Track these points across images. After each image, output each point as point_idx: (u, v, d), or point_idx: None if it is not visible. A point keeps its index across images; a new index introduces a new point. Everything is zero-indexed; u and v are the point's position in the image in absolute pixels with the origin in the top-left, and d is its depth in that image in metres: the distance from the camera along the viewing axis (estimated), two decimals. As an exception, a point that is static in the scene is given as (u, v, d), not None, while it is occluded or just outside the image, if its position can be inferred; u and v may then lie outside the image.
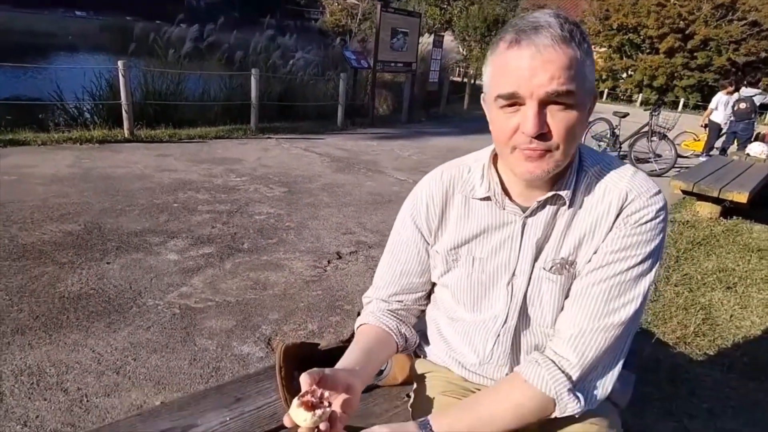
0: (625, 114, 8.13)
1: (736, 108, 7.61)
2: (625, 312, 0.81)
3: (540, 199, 0.84)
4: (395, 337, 0.96)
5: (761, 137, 7.48)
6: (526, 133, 0.74)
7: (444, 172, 0.94)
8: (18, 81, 9.10)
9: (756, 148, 5.99)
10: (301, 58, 9.34)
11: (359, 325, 0.99)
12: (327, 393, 0.72)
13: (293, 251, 3.37)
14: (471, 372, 0.98)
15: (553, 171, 0.79)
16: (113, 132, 6.22)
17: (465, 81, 15.40)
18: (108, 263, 2.92)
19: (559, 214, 0.85)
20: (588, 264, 0.83)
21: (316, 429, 0.70)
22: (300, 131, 7.93)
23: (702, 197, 4.73)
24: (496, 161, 0.89)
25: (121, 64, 5.98)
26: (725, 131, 8.32)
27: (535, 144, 0.75)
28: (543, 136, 0.75)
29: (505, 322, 0.90)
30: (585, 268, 0.84)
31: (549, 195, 0.83)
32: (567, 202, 0.83)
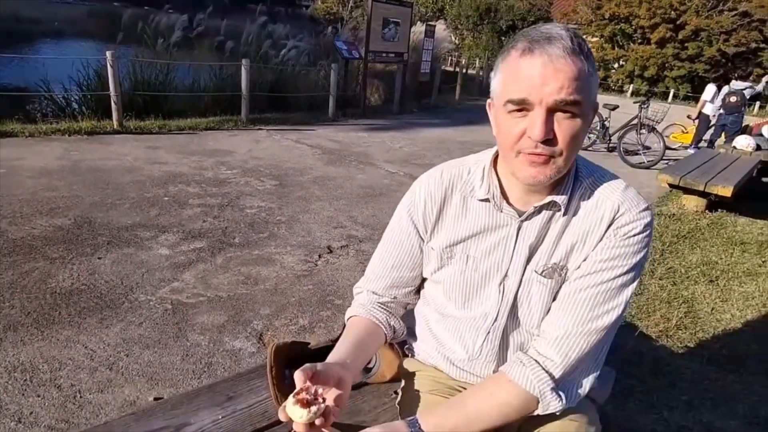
0: (615, 106, 8.20)
1: (726, 101, 7.68)
2: (608, 318, 0.86)
3: (537, 205, 0.87)
4: (384, 329, 1.01)
5: (749, 130, 7.56)
6: (533, 138, 0.77)
7: (444, 171, 0.97)
8: (3, 69, 8.91)
9: (742, 141, 6.05)
10: (293, 47, 9.24)
11: (350, 317, 1.04)
12: (321, 389, 0.77)
13: (284, 245, 3.39)
14: (458, 368, 1.01)
15: (555, 177, 0.82)
16: (102, 123, 6.15)
17: (457, 71, 15.33)
18: (99, 258, 2.93)
19: (554, 220, 0.88)
20: (577, 270, 0.87)
21: (311, 424, 0.74)
22: (291, 122, 7.89)
23: (688, 191, 4.79)
24: (496, 164, 0.92)
25: (110, 54, 5.90)
26: (713, 123, 8.41)
27: (541, 149, 0.78)
28: (548, 141, 0.78)
29: (495, 320, 0.94)
30: (574, 274, 0.88)
31: (546, 201, 0.86)
32: (563, 209, 0.87)
